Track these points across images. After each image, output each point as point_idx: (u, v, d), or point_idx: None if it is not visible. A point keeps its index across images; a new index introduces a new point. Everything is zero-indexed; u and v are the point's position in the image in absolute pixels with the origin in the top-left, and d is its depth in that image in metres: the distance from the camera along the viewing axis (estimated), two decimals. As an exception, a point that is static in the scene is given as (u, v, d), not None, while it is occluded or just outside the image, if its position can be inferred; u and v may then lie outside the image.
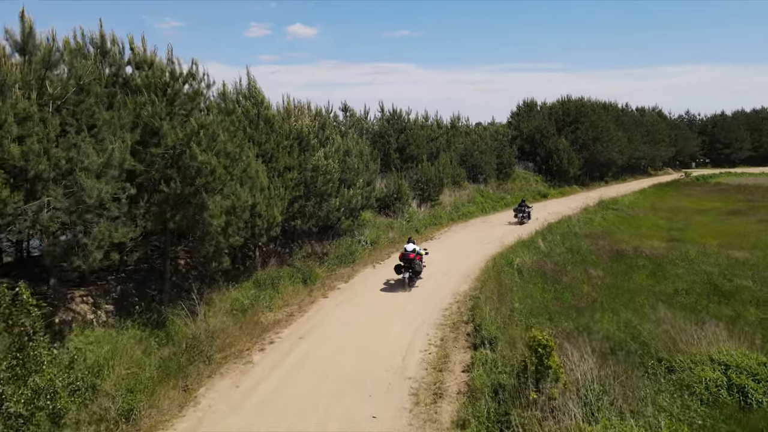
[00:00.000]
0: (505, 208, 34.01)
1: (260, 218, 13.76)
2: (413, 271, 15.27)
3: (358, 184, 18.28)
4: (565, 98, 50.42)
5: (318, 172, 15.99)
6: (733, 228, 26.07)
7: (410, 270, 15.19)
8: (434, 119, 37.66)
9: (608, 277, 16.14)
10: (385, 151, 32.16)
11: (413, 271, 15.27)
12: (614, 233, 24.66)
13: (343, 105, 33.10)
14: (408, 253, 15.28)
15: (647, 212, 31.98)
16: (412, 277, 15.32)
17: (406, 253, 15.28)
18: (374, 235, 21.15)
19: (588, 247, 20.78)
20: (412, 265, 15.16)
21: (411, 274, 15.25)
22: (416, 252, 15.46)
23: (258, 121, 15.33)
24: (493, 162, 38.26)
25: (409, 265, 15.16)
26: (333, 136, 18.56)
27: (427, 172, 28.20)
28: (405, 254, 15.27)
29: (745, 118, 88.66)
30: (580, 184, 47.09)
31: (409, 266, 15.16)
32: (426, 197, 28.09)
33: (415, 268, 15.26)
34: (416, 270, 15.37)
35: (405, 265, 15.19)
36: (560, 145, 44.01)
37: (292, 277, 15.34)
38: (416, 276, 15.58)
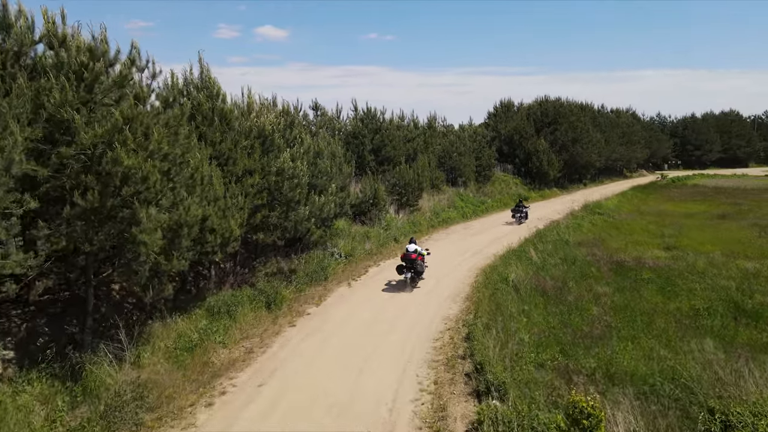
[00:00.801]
0: (486, 213, 32.18)
1: (213, 233, 11.40)
2: (415, 271, 15.18)
3: (330, 190, 16.03)
4: (543, 98, 49.10)
5: (283, 176, 13.68)
6: (728, 234, 24.72)
7: (412, 270, 15.11)
8: (411, 119, 35.64)
9: (616, 294, 14.26)
10: (359, 152, 30.00)
11: (415, 271, 15.18)
12: (606, 240, 22.99)
13: (314, 103, 30.82)
14: (410, 253, 15.23)
15: (634, 216, 30.57)
16: (414, 277, 15.24)
17: (407, 254, 15.22)
18: (349, 246, 18.91)
19: (584, 257, 18.97)
20: (414, 265, 15.10)
21: (413, 275, 15.18)
22: (418, 252, 15.40)
23: (212, 117, 12.95)
24: (473, 164, 36.44)
25: (411, 266, 15.09)
26: (302, 136, 16.28)
27: (405, 175, 26.12)
28: (407, 254, 15.22)
29: (715, 121, 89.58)
30: (559, 186, 45.73)
31: (411, 266, 15.09)
32: (404, 203, 25.99)
33: (417, 268, 15.17)
34: (418, 270, 15.28)
35: (407, 266, 15.11)
36: (540, 146, 42.53)
37: (254, 300, 12.99)
38: (418, 276, 15.48)
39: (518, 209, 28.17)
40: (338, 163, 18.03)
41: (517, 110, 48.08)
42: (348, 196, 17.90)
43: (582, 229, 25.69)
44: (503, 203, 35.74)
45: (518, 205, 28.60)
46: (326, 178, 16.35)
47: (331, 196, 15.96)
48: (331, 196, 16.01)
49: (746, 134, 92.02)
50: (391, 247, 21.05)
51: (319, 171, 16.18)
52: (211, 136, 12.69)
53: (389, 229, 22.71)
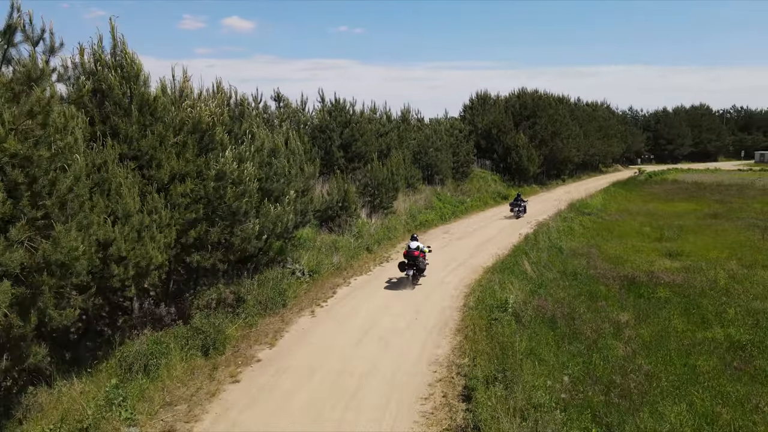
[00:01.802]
0: (465, 214, 29.61)
1: (122, 263, 8.36)
2: (417, 268, 15.16)
3: (288, 196, 13.05)
4: (521, 90, 46.84)
5: (226, 181, 10.65)
6: (729, 237, 22.74)
7: (414, 267, 15.05)
8: (383, 112, 32.79)
9: (640, 325, 11.73)
10: (326, 148, 27.00)
11: (417, 268, 15.16)
12: (602, 246, 20.64)
13: (276, 93, 27.64)
14: (412, 250, 15.19)
15: (624, 217, 28.45)
16: (415, 274, 15.20)
17: (410, 251, 15.19)
18: (314, 261, 15.99)
19: (585, 270, 16.50)
20: (416, 262, 15.07)
21: (415, 272, 15.12)
22: (420, 249, 15.32)
23: (128, 105, 9.84)
24: (450, 160, 33.86)
25: (413, 263, 15.06)
26: (252, 130, 13.25)
27: (378, 173, 23.27)
28: (409, 252, 15.20)
29: (686, 115, 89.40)
30: (539, 183, 43.61)
31: (414, 263, 15.05)
32: (377, 205, 23.16)
33: (419, 265, 15.16)
34: (420, 267, 15.27)
35: (409, 263, 15.06)
36: (519, 141, 40.23)
37: (186, 345, 9.98)
38: (420, 273, 15.42)
39: (517, 203, 28.09)
40: (300, 162, 15.05)
41: (494, 103, 45.68)
42: (311, 201, 14.98)
43: (573, 232, 23.33)
44: (483, 202, 33.30)
45: (517, 199, 28.46)
46: (284, 182, 13.36)
47: (288, 206, 12.98)
48: (288, 205, 13.03)
49: (716, 128, 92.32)
50: (363, 260, 18.19)
51: (276, 173, 13.19)
52: (125, 129, 9.59)
53: (361, 236, 19.84)
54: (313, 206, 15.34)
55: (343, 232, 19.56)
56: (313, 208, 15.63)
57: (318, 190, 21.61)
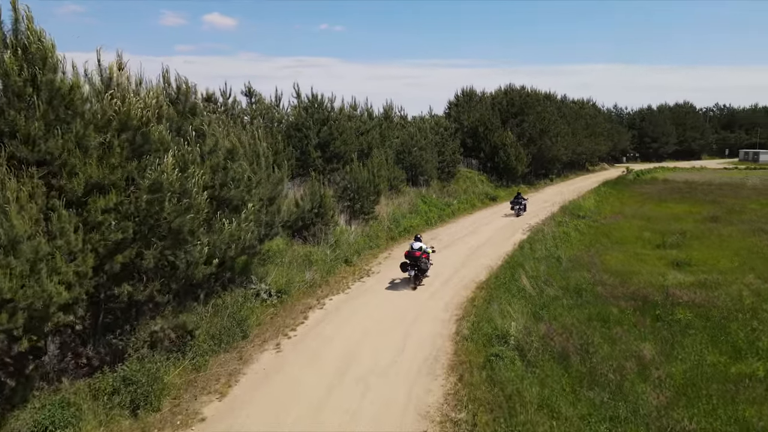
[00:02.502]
0: (452, 217, 27.70)
1: (8, 307, 6.22)
2: (419, 269, 15.00)
3: (247, 209, 10.91)
4: (508, 86, 45.07)
5: (164, 192, 8.51)
6: (736, 243, 21.18)
7: (416, 268, 14.91)
8: (364, 108, 30.73)
9: (667, 359, 9.87)
10: (302, 148, 24.91)
11: (419, 269, 15.00)
12: (603, 255, 18.86)
13: (247, 88, 25.41)
14: (414, 251, 15.04)
15: (619, 220, 26.79)
16: (417, 275, 15.03)
17: (412, 251, 15.04)
18: (283, 278, 13.89)
19: (590, 285, 14.66)
20: (417, 263, 14.91)
21: (416, 272, 14.96)
22: (422, 250, 15.15)
23: (30, 95, 7.66)
24: (435, 160, 31.91)
25: (415, 263, 14.91)
26: (204, 127, 11.10)
27: (358, 175, 21.21)
28: (411, 252, 15.05)
29: (670, 113, 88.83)
30: (527, 183, 41.92)
31: (415, 264, 14.90)
32: (357, 210, 21.10)
33: (420, 266, 15.00)
34: (422, 268, 15.11)
35: (411, 263, 14.93)
36: (507, 139, 38.46)
37: (109, 401, 7.85)
38: (422, 274, 15.25)
39: (517, 201, 28.34)
40: (265, 166, 12.91)
41: (480, 100, 43.85)
42: (278, 211, 12.86)
43: (570, 239, 21.53)
44: (470, 204, 31.43)
45: (517, 197, 28.71)
46: (244, 189, 11.23)
47: (249, 218, 10.84)
48: (249, 217, 10.89)
49: (700, 126, 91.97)
50: (341, 274, 16.15)
51: (233, 179, 11.05)
52: (25, 127, 7.41)
53: (339, 246, 17.78)
54: (281, 216, 13.23)
55: (318, 242, 17.48)
56: (284, 217, 13.51)
57: (291, 195, 19.53)
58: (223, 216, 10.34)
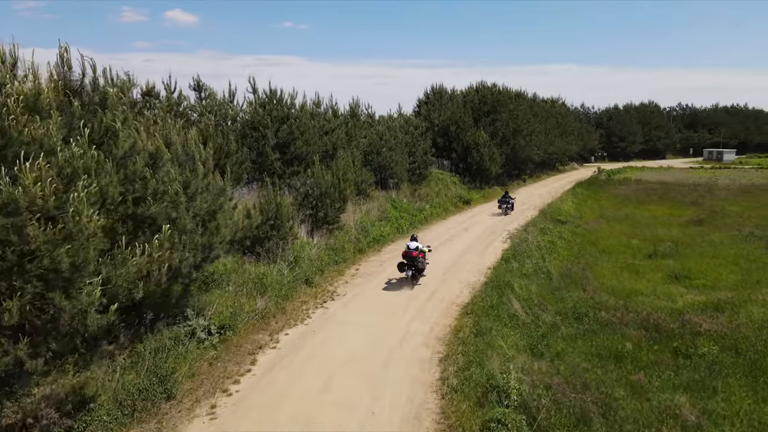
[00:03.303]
0: (425, 223, 25.54)
1: None
2: (416, 269, 14.92)
3: (165, 230, 8.34)
4: (479, 84, 43.26)
5: (21, 216, 5.92)
6: (731, 251, 19.73)
7: (413, 268, 14.81)
8: (328, 105, 28.30)
9: (712, 419, 7.84)
10: (259, 149, 22.34)
11: (416, 269, 14.92)
12: (594, 267, 16.97)
13: (196, 81, 22.66)
14: (411, 251, 14.96)
15: (602, 225, 25.12)
16: (415, 275, 14.94)
17: (408, 251, 14.95)
18: (228, 309, 11.40)
19: (590, 308, 12.64)
20: (414, 263, 14.81)
21: (414, 272, 14.85)
22: (419, 250, 15.10)
23: None
24: (406, 161, 29.70)
25: (412, 263, 14.79)
26: (118, 124, 8.51)
27: (321, 180, 18.77)
28: (408, 252, 14.96)
29: (636, 112, 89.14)
30: (500, 184, 40.15)
31: (412, 264, 14.79)
32: (321, 219, 18.65)
33: (417, 265, 14.91)
34: (419, 268, 15.04)
35: (408, 263, 14.80)
36: (480, 138, 36.57)
37: None
38: (419, 273, 15.21)
39: (505, 200, 28.70)
40: (203, 173, 10.38)
41: (450, 97, 41.88)
42: (218, 229, 10.32)
43: (556, 248, 19.61)
44: (443, 208, 29.35)
45: (505, 196, 29.13)
46: (169, 206, 8.70)
47: (160, 250, 8.28)
48: (158, 249, 8.32)
49: (664, 126, 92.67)
50: (300, 298, 13.73)
51: (154, 192, 8.51)
52: None
53: (298, 263, 15.34)
54: (223, 235, 10.68)
55: (274, 259, 14.99)
56: (226, 236, 10.97)
57: (243, 204, 16.99)
58: (139, 241, 7.79)
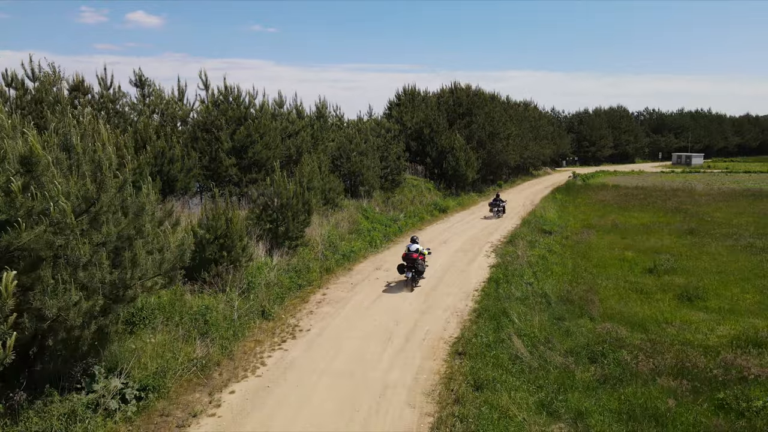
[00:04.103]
0: (400, 235, 23.21)
1: None
2: (416, 271, 14.76)
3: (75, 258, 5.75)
4: (454, 85, 41.27)
5: None
6: (732, 264, 18.08)
7: (413, 270, 14.67)
8: (292, 105, 25.77)
9: None
10: (211, 154, 19.67)
11: (416, 271, 14.76)
12: (599, 290, 14.88)
13: (137, 76, 19.88)
14: (411, 252, 14.88)
15: (591, 235, 23.23)
16: (414, 276, 14.77)
17: (409, 253, 14.88)
18: (156, 361, 8.78)
19: (607, 347, 10.45)
20: (415, 265, 14.67)
21: (414, 274, 14.71)
22: (419, 251, 15.02)
23: None
24: (378, 167, 27.37)
25: (412, 265, 14.66)
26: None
27: (283, 189, 16.22)
28: (408, 254, 14.88)
29: (605, 116, 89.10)
30: (477, 190, 38.24)
31: (412, 266, 14.66)
32: (282, 235, 16.10)
33: (418, 267, 14.76)
34: (419, 270, 14.88)
35: (408, 265, 14.71)
36: (456, 142, 34.54)
37: None
38: (419, 276, 15.00)
39: (496, 203, 28.67)
40: (114, 187, 7.76)
41: (424, 99, 39.78)
42: (135, 261, 7.70)
43: (549, 264, 17.51)
44: (419, 218, 27.10)
45: (496, 199, 29.01)
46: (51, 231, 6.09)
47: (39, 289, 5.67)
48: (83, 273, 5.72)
49: (633, 130, 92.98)
50: (254, 337, 11.17)
51: (27, 211, 5.91)
52: None
53: (253, 291, 12.76)
54: (142, 269, 8.06)
55: (223, 286, 12.38)
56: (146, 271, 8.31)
57: (188, 220, 14.38)
58: None
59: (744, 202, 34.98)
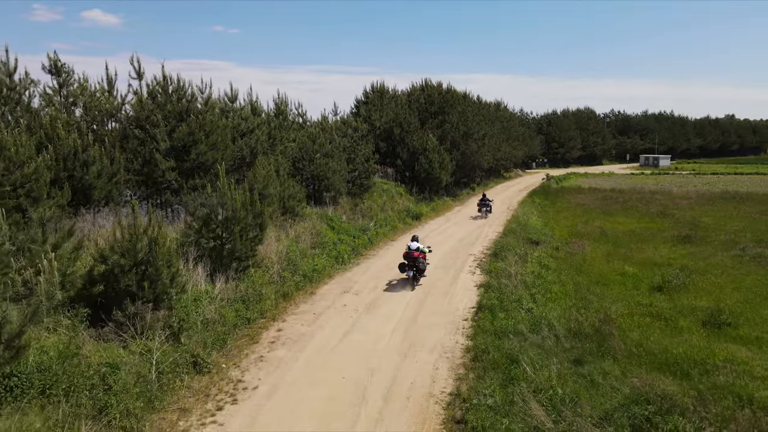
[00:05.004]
0: (371, 248, 20.47)
1: None
2: (417, 269, 14.85)
3: None
4: (425, 82, 38.79)
5: None
6: (745, 279, 16.07)
7: (414, 268, 14.75)
8: (246, 101, 22.72)
9: None
10: (145, 156, 16.56)
11: (417, 269, 14.85)
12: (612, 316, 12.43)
13: (52, 61, 16.53)
14: (412, 251, 14.95)
15: (582, 246, 20.87)
16: (416, 275, 14.85)
17: (410, 252, 14.97)
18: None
19: (653, 412, 7.92)
20: (416, 263, 14.80)
21: (415, 273, 14.78)
22: (420, 250, 15.09)
23: None
24: (345, 170, 24.55)
25: (413, 264, 14.78)
26: None
27: (228, 198, 13.19)
28: (409, 252, 14.96)
29: (574, 117, 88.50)
30: (450, 195, 35.82)
31: (413, 264, 14.77)
32: (227, 255, 13.07)
33: (419, 266, 14.89)
34: (420, 268, 14.98)
35: (409, 264, 14.79)
36: (429, 143, 32.00)
37: None
38: (420, 274, 15.07)
39: (484, 203, 28.67)
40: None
41: (393, 96, 37.15)
42: None
43: (546, 283, 15.03)
44: (391, 226, 24.40)
45: (483, 199, 29.00)
46: None
47: None
48: None
49: (601, 131, 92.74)
50: (180, 402, 8.20)
51: None
52: None
53: (185, 333, 9.77)
54: None
55: (143, 327, 9.35)
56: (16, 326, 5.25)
57: (101, 239, 11.30)
58: None
59: (728, 205, 33.65)
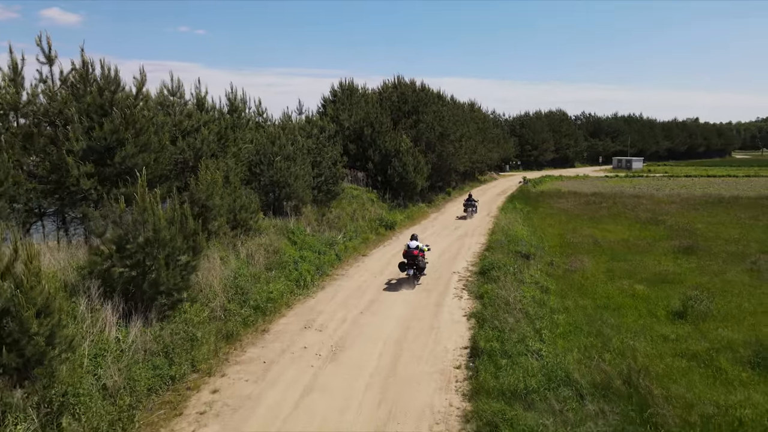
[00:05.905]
0: (339, 266, 17.63)
1: None
2: (417, 267, 15.05)
3: None
4: (398, 79, 36.15)
5: None
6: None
7: (414, 267, 14.96)
8: (193, 95, 19.56)
9: None
10: (54, 162, 13.38)
11: (417, 267, 15.05)
12: (641, 360, 9.93)
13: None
14: (411, 250, 15.11)
15: (578, 260, 18.42)
16: (416, 273, 15.10)
17: (409, 250, 15.12)
18: None
19: None
20: (416, 261, 14.99)
21: (415, 271, 15.02)
22: (419, 248, 15.30)
23: None
24: (309, 175, 21.63)
25: (413, 262, 14.96)
26: None
27: (149, 214, 10.13)
28: (409, 251, 15.12)
29: (546, 119, 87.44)
30: (426, 201, 33.23)
31: (413, 263, 14.96)
32: (151, 290, 10.02)
33: (419, 264, 15.09)
34: (420, 266, 15.18)
35: (409, 262, 14.96)
36: (402, 144, 29.33)
37: None
38: (420, 272, 15.38)
39: (470, 203, 28.97)
40: None
41: (363, 95, 34.38)
42: None
43: (549, 311, 12.47)
44: (362, 238, 21.64)
45: (469, 199, 29.38)
46: None
47: None
48: None
49: (573, 134, 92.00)
50: None
51: None
52: None
53: (66, 416, 6.76)
54: None
55: (2, 415, 6.32)
56: None
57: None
58: None
59: (716, 210, 32.04)
